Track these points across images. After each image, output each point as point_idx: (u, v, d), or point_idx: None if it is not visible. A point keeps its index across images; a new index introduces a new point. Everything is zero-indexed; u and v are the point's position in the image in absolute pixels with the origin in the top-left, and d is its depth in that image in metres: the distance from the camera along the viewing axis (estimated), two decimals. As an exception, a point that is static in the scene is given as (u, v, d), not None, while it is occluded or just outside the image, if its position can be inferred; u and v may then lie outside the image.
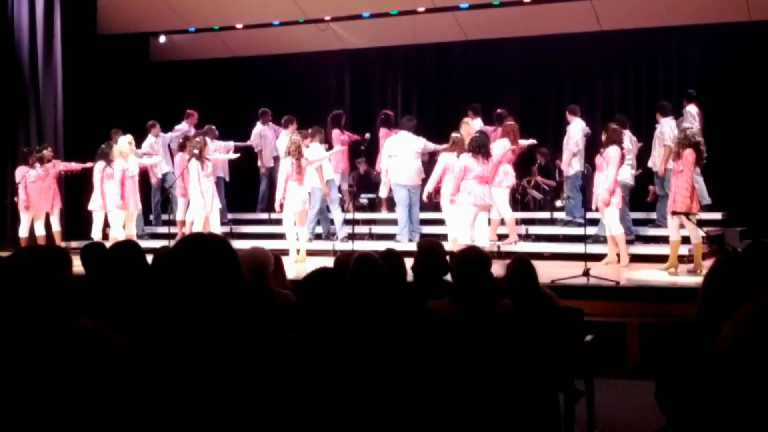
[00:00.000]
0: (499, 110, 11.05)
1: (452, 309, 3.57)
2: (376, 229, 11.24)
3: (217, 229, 10.19)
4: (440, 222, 10.10)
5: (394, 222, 10.72)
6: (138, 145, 11.19)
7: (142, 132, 11.78)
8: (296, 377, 2.57)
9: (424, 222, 10.83)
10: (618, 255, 8.85)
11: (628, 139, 10.03)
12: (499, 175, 9.73)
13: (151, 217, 12.38)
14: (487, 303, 3.57)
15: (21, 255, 2.29)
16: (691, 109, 10.48)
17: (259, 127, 12.22)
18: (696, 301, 2.43)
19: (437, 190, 9.67)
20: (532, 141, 10.71)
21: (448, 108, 12.27)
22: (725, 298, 2.26)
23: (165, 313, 2.25)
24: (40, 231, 11.00)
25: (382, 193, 10.99)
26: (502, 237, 10.06)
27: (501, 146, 9.79)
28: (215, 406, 2.15)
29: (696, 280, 7.45)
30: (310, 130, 10.72)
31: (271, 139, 12.12)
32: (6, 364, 2.10)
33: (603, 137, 8.98)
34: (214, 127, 11.80)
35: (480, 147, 8.85)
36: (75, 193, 11.40)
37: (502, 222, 10.01)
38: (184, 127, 12.36)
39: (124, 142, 10.36)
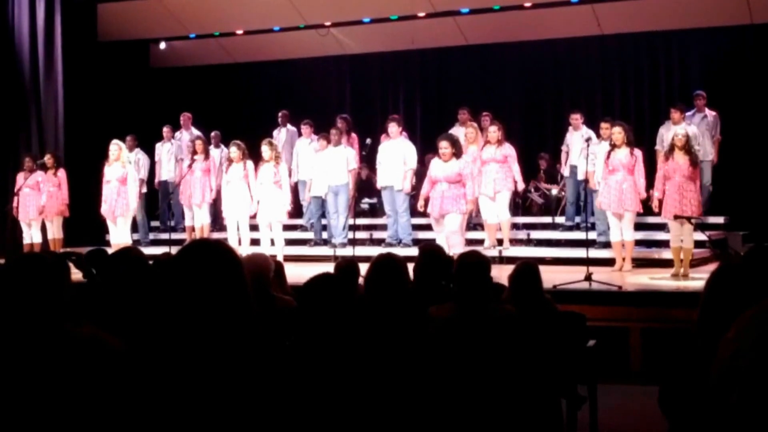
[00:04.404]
0: (484, 113, 11.17)
1: (453, 313, 3.56)
2: (377, 234, 11.23)
3: (247, 234, 10.02)
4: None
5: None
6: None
7: (142, 137, 11.83)
8: (297, 383, 2.55)
9: (418, 228, 10.79)
10: (623, 259, 8.81)
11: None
12: (500, 180, 9.72)
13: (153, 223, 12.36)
14: (488, 307, 3.56)
15: (13, 263, 2.27)
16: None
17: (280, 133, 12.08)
18: (698, 306, 2.42)
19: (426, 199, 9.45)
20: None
21: (449, 113, 12.23)
22: (727, 304, 2.24)
23: (167, 319, 2.24)
24: (36, 238, 10.99)
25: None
26: (477, 242, 10.01)
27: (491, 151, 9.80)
28: (216, 411, 2.13)
29: (699, 285, 7.42)
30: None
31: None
32: (7, 372, 2.08)
33: (616, 138, 8.60)
34: (219, 134, 11.82)
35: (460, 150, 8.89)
36: (76, 198, 11.35)
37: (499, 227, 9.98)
38: (185, 136, 12.23)
39: (112, 148, 9.97)
